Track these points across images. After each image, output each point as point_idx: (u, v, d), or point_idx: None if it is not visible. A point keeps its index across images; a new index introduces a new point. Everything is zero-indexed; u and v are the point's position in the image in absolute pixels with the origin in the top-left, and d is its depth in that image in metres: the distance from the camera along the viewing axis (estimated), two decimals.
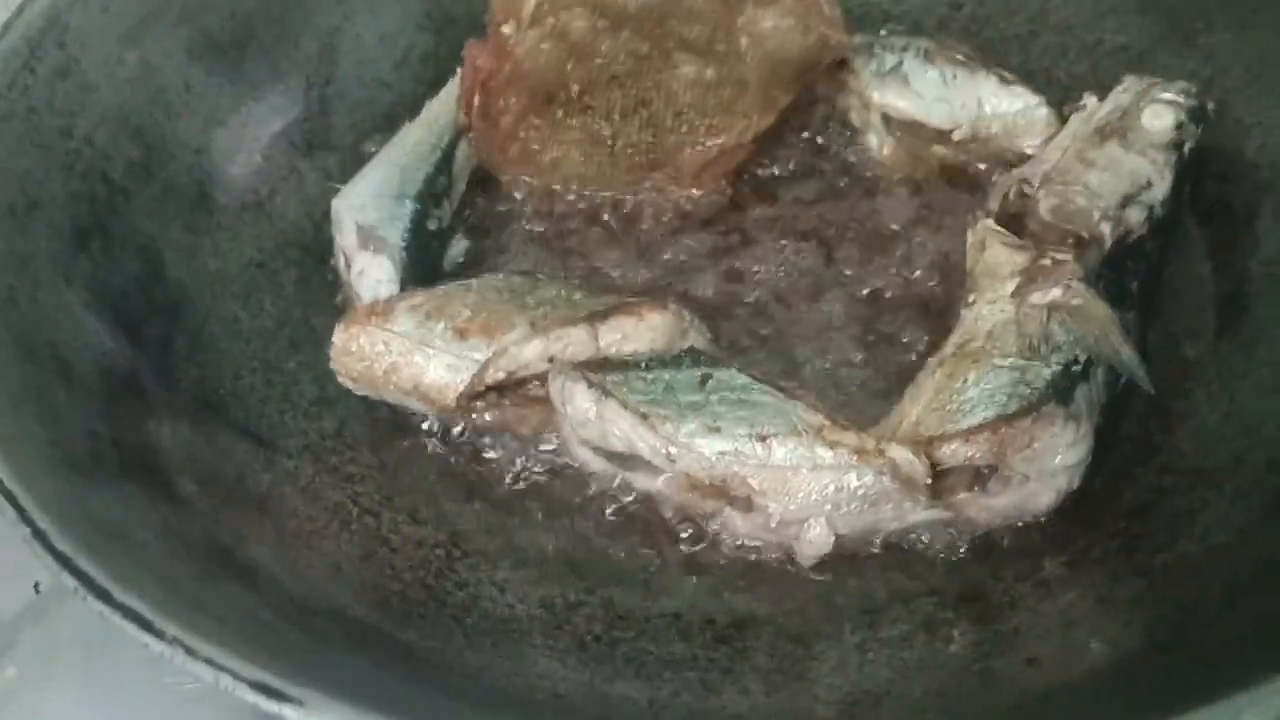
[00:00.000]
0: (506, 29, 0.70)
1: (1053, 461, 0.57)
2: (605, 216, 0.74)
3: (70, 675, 0.65)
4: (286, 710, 0.39)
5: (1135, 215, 0.65)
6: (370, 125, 0.79)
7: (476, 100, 0.72)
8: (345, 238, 0.68)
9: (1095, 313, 0.60)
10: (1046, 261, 0.63)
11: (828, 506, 0.57)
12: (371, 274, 0.67)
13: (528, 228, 0.74)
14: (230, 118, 0.74)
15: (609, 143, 0.73)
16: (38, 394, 0.53)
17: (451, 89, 0.76)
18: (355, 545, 0.59)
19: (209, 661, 0.40)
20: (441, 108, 0.75)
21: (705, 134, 0.72)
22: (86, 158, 0.66)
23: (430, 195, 0.70)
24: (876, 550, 0.58)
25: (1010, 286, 0.63)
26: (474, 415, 0.63)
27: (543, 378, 0.63)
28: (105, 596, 0.42)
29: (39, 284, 0.59)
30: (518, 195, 0.76)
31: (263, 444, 0.63)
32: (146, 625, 0.41)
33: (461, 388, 0.61)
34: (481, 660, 0.53)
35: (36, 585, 0.68)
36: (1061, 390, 0.58)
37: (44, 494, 0.46)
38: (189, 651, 0.40)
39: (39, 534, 0.44)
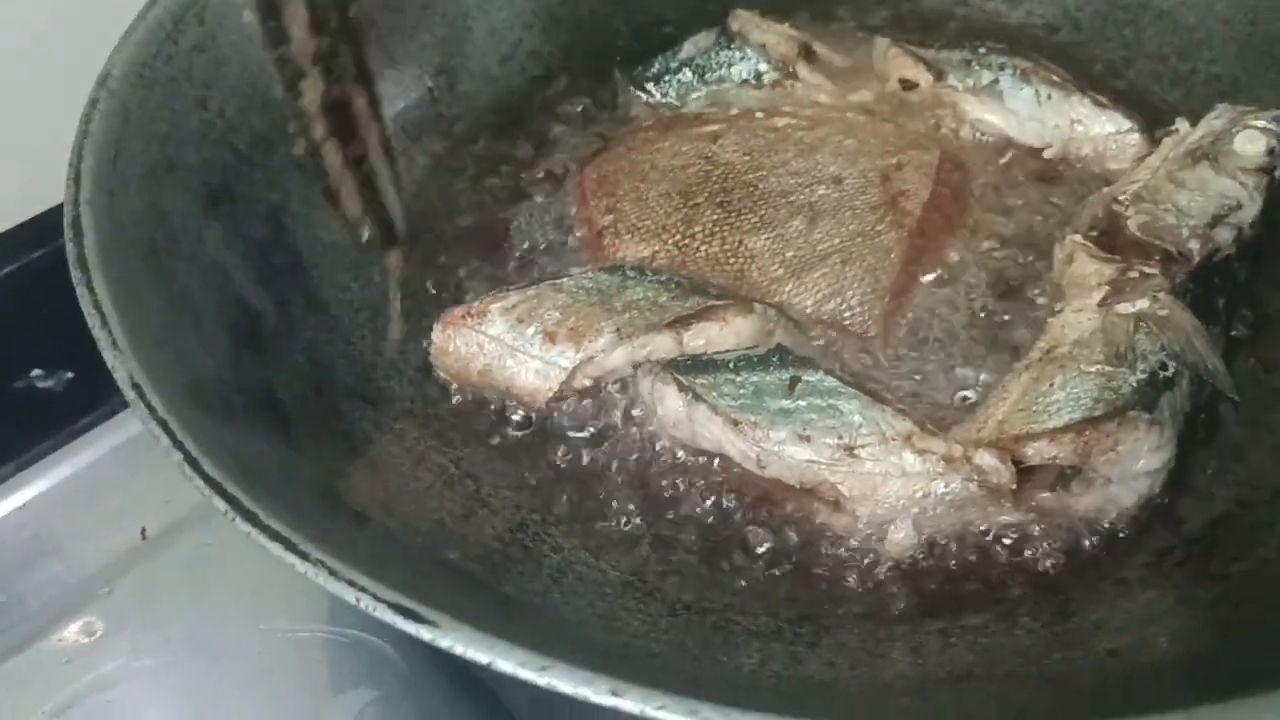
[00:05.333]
0: None
1: (1135, 465, 0.59)
2: None
3: (172, 618, 0.68)
4: (423, 631, 0.41)
5: (1224, 235, 0.67)
6: (476, 115, 0.82)
7: None
8: None
9: (1181, 322, 0.62)
10: (1134, 274, 0.65)
11: (915, 510, 0.58)
12: None
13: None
14: None
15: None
16: (175, 336, 0.57)
17: None
18: (457, 504, 0.62)
19: (350, 583, 0.42)
20: None
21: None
22: (218, 128, 0.70)
23: None
24: (960, 545, 0.60)
25: (1097, 297, 0.65)
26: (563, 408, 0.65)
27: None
28: (253, 519, 0.44)
29: (176, 239, 0.62)
30: None
31: (370, 404, 0.66)
32: (292, 547, 0.44)
33: (549, 394, 0.64)
34: (579, 616, 0.56)
35: (143, 530, 0.72)
36: (1147, 397, 0.59)
37: (190, 426, 0.49)
38: (332, 573, 0.43)
39: (191, 460, 0.46)
